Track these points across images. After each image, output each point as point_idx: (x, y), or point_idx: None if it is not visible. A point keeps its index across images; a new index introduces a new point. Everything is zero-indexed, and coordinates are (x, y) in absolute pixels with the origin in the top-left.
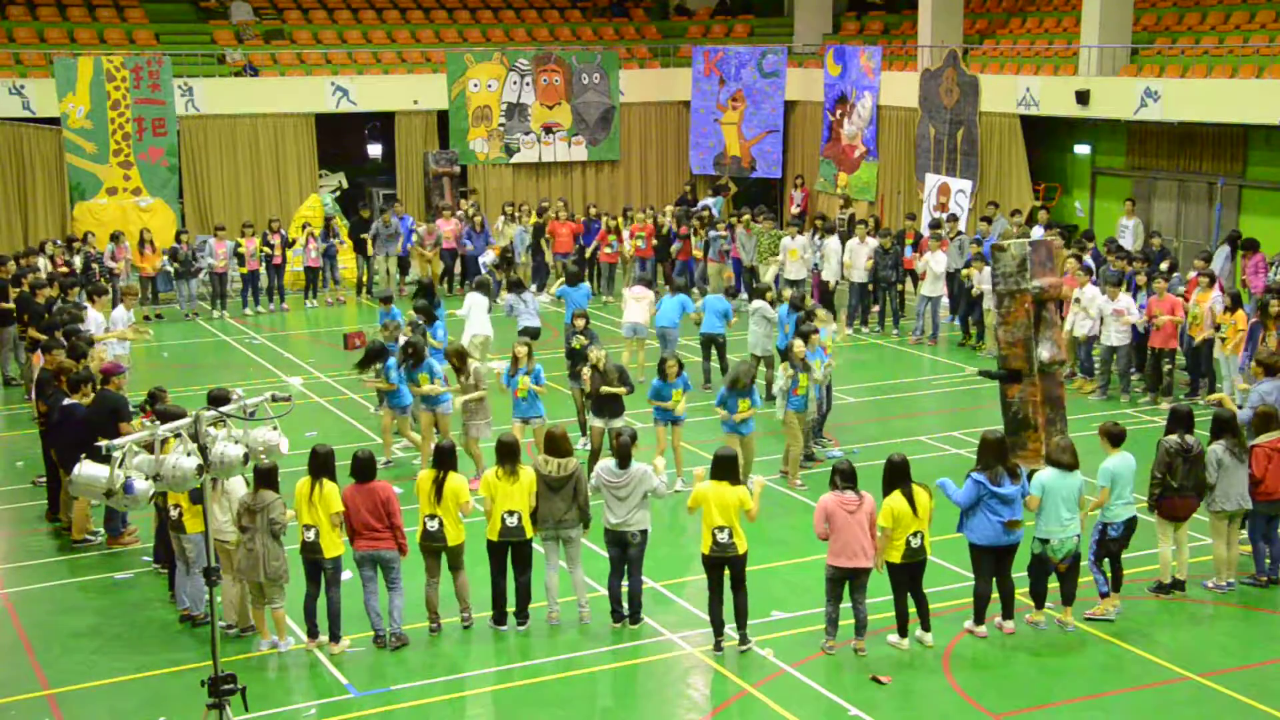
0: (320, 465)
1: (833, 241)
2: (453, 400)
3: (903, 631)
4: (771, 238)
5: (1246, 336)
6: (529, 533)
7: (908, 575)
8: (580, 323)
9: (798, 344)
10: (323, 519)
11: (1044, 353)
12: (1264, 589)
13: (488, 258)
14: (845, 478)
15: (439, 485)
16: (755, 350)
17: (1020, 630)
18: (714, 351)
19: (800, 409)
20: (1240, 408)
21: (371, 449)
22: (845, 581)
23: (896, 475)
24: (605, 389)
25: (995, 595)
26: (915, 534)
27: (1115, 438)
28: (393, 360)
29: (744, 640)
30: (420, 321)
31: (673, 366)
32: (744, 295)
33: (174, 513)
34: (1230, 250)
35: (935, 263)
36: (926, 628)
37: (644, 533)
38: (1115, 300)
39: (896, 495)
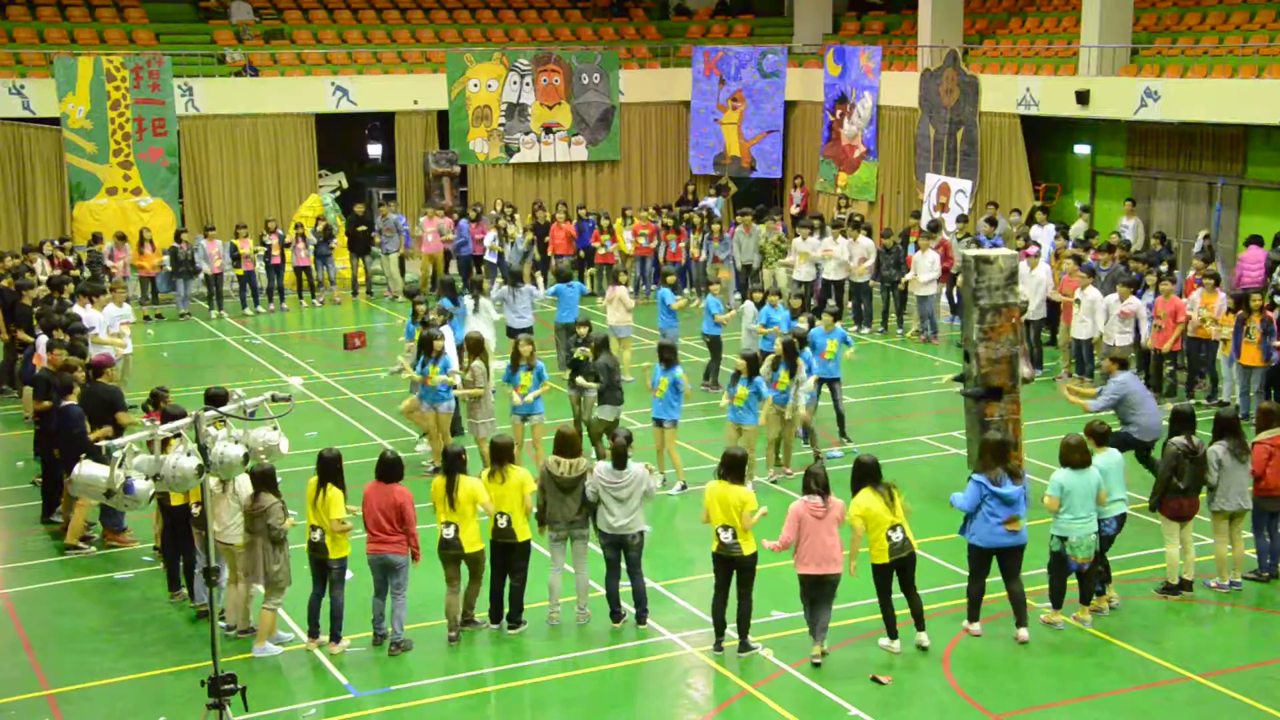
0: (325, 469)
1: (842, 241)
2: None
3: (892, 634)
4: (778, 244)
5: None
6: (520, 535)
7: (896, 574)
8: (583, 331)
9: (777, 345)
10: (325, 524)
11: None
12: (1265, 584)
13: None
14: (816, 482)
15: (451, 490)
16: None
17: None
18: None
19: (780, 402)
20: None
21: (376, 448)
22: (816, 588)
23: (864, 475)
24: (581, 382)
25: (1001, 599)
26: (894, 528)
27: (1100, 437)
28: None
29: (744, 647)
30: (434, 318)
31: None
32: (738, 295)
33: (195, 510)
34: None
35: (924, 264)
36: (921, 627)
37: (642, 534)
38: (1124, 301)
39: (864, 494)
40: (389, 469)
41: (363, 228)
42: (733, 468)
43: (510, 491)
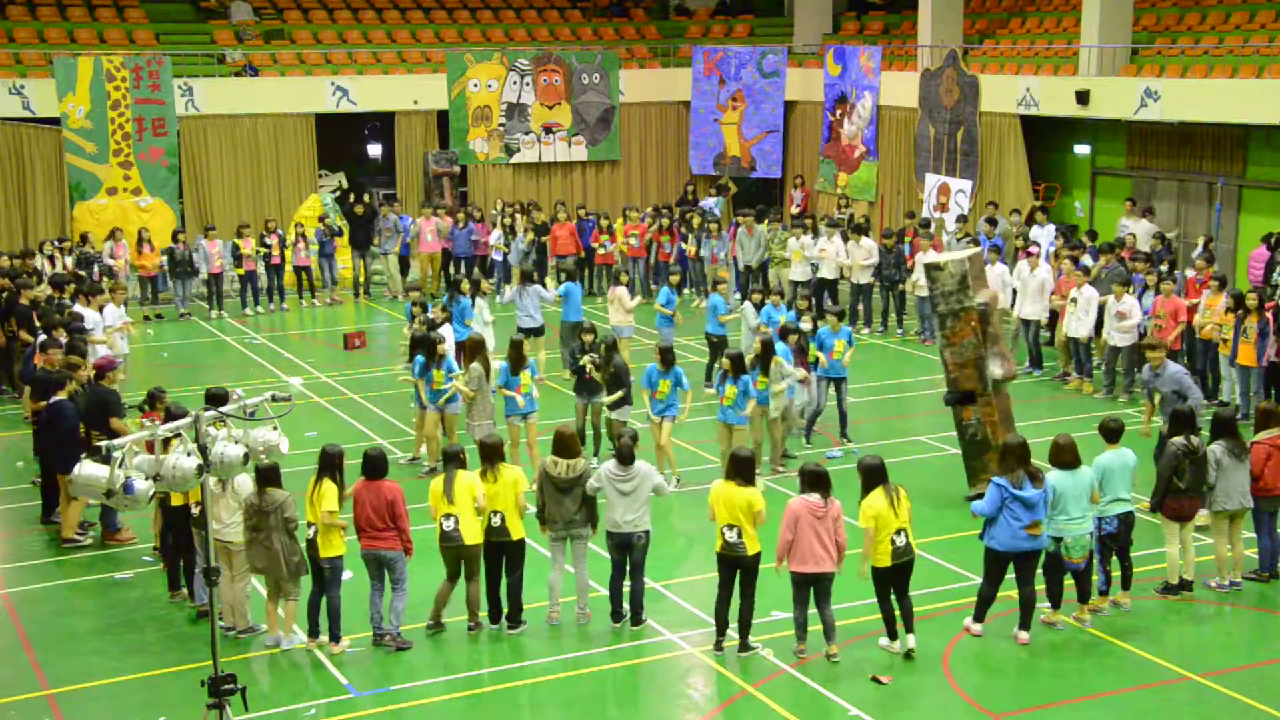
0: (324, 465)
1: (837, 240)
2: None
3: (892, 635)
4: (780, 240)
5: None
6: (514, 534)
7: (896, 577)
8: (589, 338)
9: (756, 344)
10: (319, 518)
11: (997, 369)
12: (1265, 584)
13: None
14: (815, 480)
15: (450, 484)
16: (744, 349)
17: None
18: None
19: (762, 401)
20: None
21: (374, 447)
22: (809, 587)
23: (873, 476)
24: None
25: (1009, 598)
26: (899, 532)
27: (1112, 434)
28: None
29: (744, 647)
30: (433, 317)
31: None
32: (737, 295)
33: (195, 510)
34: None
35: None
36: (910, 629)
37: (646, 533)
38: (1120, 301)
39: (876, 494)
40: (375, 466)
41: (358, 206)
42: (741, 468)
43: (503, 490)
